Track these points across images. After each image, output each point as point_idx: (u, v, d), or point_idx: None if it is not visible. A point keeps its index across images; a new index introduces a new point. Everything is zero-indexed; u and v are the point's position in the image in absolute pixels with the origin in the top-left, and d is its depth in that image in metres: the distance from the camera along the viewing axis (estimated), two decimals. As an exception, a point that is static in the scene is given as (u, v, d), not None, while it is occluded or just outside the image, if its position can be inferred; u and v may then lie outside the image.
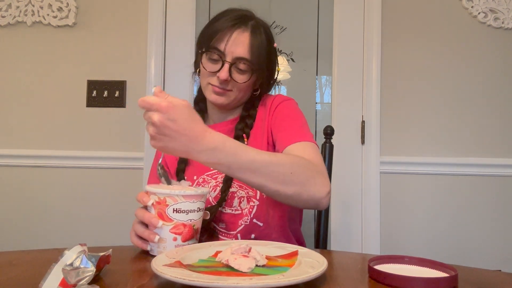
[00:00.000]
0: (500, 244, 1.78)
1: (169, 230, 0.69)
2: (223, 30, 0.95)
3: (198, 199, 0.70)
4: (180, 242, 0.69)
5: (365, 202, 1.83)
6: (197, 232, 0.72)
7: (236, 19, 0.96)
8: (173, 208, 0.68)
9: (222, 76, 0.93)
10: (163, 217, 0.69)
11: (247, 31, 0.96)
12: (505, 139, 1.81)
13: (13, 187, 1.85)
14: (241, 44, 0.94)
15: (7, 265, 0.65)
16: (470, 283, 0.59)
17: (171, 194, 0.68)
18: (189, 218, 0.70)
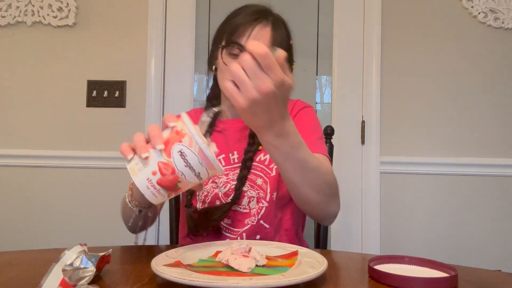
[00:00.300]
0: (500, 244, 1.78)
1: (158, 162, 0.59)
2: (244, 24, 0.93)
3: (207, 166, 0.60)
4: (155, 181, 0.59)
5: (365, 202, 1.83)
6: (176, 189, 0.61)
7: (257, 13, 0.95)
8: (181, 148, 0.58)
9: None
10: (166, 147, 0.59)
11: (268, 26, 0.95)
12: (505, 139, 1.81)
13: (13, 187, 1.86)
14: (262, 39, 0.93)
15: (7, 265, 0.65)
16: (470, 283, 0.59)
17: (193, 137, 0.58)
18: (183, 171, 0.59)
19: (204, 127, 0.64)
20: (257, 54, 0.56)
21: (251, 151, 0.96)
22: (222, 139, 1.03)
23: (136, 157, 0.61)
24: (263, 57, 0.56)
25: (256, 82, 0.57)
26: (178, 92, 1.88)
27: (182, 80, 1.88)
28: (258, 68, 0.57)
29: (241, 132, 1.02)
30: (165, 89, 1.88)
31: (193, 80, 1.90)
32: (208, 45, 1.91)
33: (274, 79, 0.57)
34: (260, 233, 0.95)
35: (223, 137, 1.03)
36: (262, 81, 0.57)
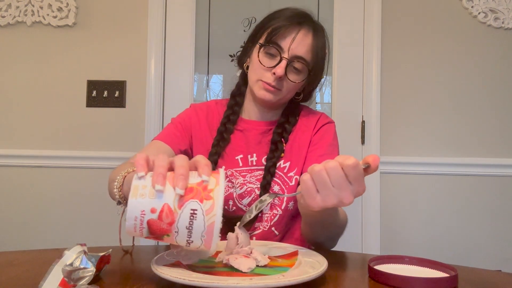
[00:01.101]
0: (500, 244, 1.78)
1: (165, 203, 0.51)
2: (287, 26, 0.92)
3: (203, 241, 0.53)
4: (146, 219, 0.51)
5: (365, 202, 1.82)
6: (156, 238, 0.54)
7: (301, 17, 0.94)
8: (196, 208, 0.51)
9: (279, 72, 0.90)
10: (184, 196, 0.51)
11: (310, 32, 0.94)
12: (505, 139, 1.81)
13: (13, 187, 1.85)
14: (304, 44, 0.92)
15: (7, 265, 0.65)
16: (470, 283, 0.59)
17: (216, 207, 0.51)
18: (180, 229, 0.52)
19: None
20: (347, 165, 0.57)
21: (275, 157, 0.96)
22: (242, 138, 1.02)
23: (148, 179, 0.53)
24: (353, 169, 0.58)
25: (339, 192, 0.57)
26: (178, 92, 1.87)
27: (182, 80, 1.88)
28: (345, 180, 0.57)
29: (262, 136, 1.01)
30: (165, 89, 1.88)
31: (193, 80, 1.90)
32: (208, 45, 1.92)
33: (357, 190, 0.59)
34: (269, 239, 0.95)
35: (243, 137, 1.02)
36: (346, 193, 0.58)
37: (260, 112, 1.03)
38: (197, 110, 1.06)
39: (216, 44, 1.93)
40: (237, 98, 1.06)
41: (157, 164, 0.53)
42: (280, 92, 0.95)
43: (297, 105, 1.05)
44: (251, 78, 0.97)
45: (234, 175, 0.97)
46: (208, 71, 1.95)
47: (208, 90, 1.97)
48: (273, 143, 0.98)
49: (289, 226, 0.98)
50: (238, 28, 1.92)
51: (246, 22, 1.94)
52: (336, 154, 1.00)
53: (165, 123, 1.84)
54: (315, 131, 1.02)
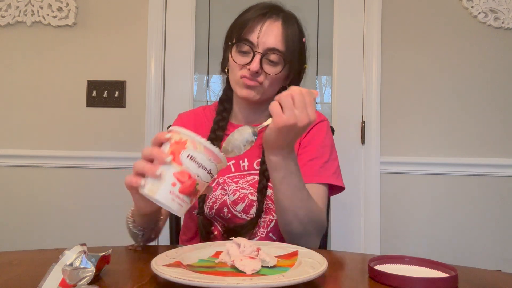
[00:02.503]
0: (500, 244, 1.78)
1: (173, 173, 0.61)
2: (253, 20, 0.91)
3: (215, 161, 0.63)
4: (177, 191, 0.61)
5: (365, 202, 1.82)
6: (195, 194, 0.64)
7: (266, 8, 0.93)
8: (188, 153, 0.61)
9: (253, 67, 0.89)
10: (174, 158, 0.61)
11: (278, 21, 0.92)
12: (505, 139, 1.81)
13: (13, 187, 1.85)
14: (273, 34, 0.90)
15: (7, 265, 0.65)
16: (470, 283, 0.59)
17: (195, 139, 0.62)
18: (198, 173, 0.62)
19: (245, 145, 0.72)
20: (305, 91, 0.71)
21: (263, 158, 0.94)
22: None
23: (148, 179, 0.62)
24: (308, 94, 0.71)
25: (299, 112, 0.69)
26: (178, 92, 1.87)
27: (182, 80, 1.88)
28: (303, 102, 0.70)
29: None
30: (165, 89, 1.88)
31: (193, 80, 1.90)
32: (208, 45, 1.92)
33: (310, 114, 0.70)
34: None
35: None
36: (303, 113, 0.70)
37: (248, 115, 1.02)
38: (183, 120, 1.05)
39: (216, 44, 1.93)
40: (225, 103, 1.05)
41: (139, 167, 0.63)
42: (261, 87, 0.93)
43: None
44: (231, 80, 0.97)
45: (226, 182, 0.96)
46: (208, 71, 1.95)
47: (208, 90, 1.97)
48: None
49: None
50: (238, 28, 1.92)
51: (246, 22, 1.93)
52: (327, 156, 0.98)
53: (165, 123, 1.84)
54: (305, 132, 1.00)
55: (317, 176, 0.94)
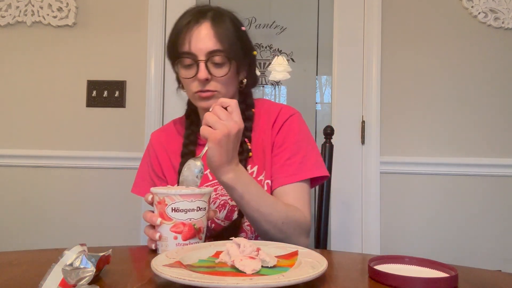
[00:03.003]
0: (500, 244, 1.78)
1: (169, 229, 0.71)
2: (182, 31, 0.90)
3: (197, 198, 0.72)
4: (181, 240, 0.71)
5: (365, 202, 1.82)
6: (199, 231, 0.73)
7: (192, 15, 0.91)
8: (171, 207, 0.70)
9: (202, 76, 0.87)
10: (163, 216, 0.71)
11: (207, 22, 0.90)
12: (505, 139, 1.81)
13: (13, 187, 1.85)
14: (206, 37, 0.88)
15: (7, 265, 0.65)
16: (470, 283, 0.59)
17: (168, 194, 0.71)
18: (188, 217, 0.71)
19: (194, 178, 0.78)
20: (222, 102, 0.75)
21: (243, 159, 0.92)
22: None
23: (157, 242, 0.73)
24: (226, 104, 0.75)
25: (227, 121, 0.73)
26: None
27: (182, 80, 1.87)
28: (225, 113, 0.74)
29: None
30: (165, 89, 1.88)
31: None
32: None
33: (236, 120, 0.75)
34: None
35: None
36: (231, 122, 0.74)
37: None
38: (153, 144, 1.05)
39: (216, 44, 1.93)
40: (191, 116, 1.04)
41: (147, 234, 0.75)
42: (218, 93, 0.91)
43: (248, 96, 1.01)
44: (187, 94, 0.97)
45: None
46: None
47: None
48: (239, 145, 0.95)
49: None
50: (238, 28, 1.92)
51: (246, 22, 1.94)
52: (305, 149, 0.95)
53: (165, 123, 1.84)
54: (276, 130, 0.97)
55: (297, 175, 0.91)
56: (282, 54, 1.98)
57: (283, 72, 2.02)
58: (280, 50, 1.98)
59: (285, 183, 0.91)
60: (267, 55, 1.99)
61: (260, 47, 1.98)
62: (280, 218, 0.82)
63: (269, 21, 1.94)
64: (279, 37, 1.97)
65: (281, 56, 1.98)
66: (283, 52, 1.99)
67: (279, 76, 2.01)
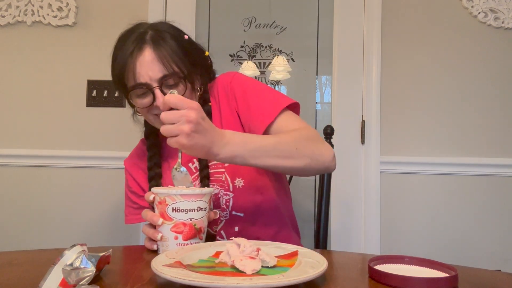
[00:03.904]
0: (500, 244, 1.78)
1: (170, 229, 0.71)
2: (127, 63, 0.88)
3: (198, 198, 0.72)
4: (182, 240, 0.71)
5: (365, 202, 1.83)
6: (200, 231, 0.73)
7: (132, 43, 0.88)
8: (172, 207, 0.71)
9: (161, 103, 0.82)
10: (164, 216, 0.71)
11: (149, 48, 0.87)
12: (505, 139, 1.81)
13: (13, 187, 1.85)
14: (152, 64, 0.86)
15: (7, 265, 0.65)
16: (470, 283, 0.59)
17: (169, 194, 0.71)
18: (189, 217, 0.71)
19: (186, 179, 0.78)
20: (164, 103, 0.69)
21: None
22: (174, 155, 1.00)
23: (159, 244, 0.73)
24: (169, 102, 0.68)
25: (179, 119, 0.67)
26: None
27: (182, 80, 1.87)
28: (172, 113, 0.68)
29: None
30: (165, 89, 1.88)
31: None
32: (208, 45, 1.92)
33: (188, 107, 0.68)
34: (237, 224, 0.93)
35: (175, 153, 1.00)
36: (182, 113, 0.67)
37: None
38: (129, 171, 1.05)
39: (216, 44, 1.93)
40: (151, 137, 1.03)
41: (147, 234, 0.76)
42: None
43: (205, 92, 1.00)
44: (146, 119, 0.96)
45: None
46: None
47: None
48: None
49: (256, 202, 0.94)
50: (238, 28, 1.92)
51: (246, 22, 1.94)
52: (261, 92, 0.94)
53: (165, 123, 1.84)
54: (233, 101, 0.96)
55: (270, 112, 0.90)
56: (282, 54, 1.98)
57: (283, 72, 2.02)
58: (280, 50, 1.98)
59: (269, 121, 0.89)
60: (267, 55, 1.99)
61: (260, 47, 1.98)
62: (291, 147, 0.80)
63: (269, 21, 1.94)
64: (279, 37, 1.96)
65: (281, 56, 1.98)
66: (283, 52, 1.98)
67: (279, 76, 2.01)
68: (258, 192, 0.95)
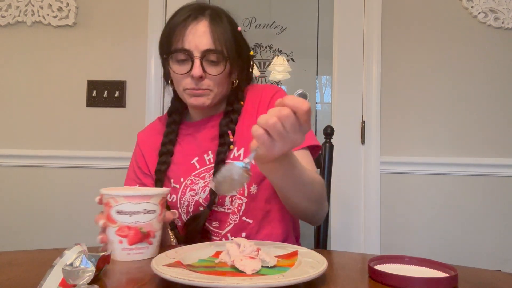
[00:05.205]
0: (500, 244, 1.78)
1: (114, 232, 0.67)
2: (179, 26, 0.89)
3: (143, 200, 0.67)
4: (127, 245, 0.67)
5: (365, 202, 1.82)
6: (148, 235, 0.68)
7: (190, 11, 0.90)
8: (115, 209, 0.67)
9: (196, 73, 0.87)
10: (109, 218, 0.67)
11: (205, 20, 0.89)
12: (505, 139, 1.81)
13: (13, 187, 1.85)
14: (203, 35, 0.88)
15: (7, 265, 0.65)
16: (470, 283, 0.59)
17: (112, 195, 0.67)
18: (134, 220, 0.67)
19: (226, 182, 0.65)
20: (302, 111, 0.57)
21: (223, 152, 0.92)
22: (193, 142, 1.00)
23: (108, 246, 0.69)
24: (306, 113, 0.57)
25: (293, 137, 0.59)
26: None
27: (182, 80, 1.87)
28: (299, 125, 0.58)
29: (212, 130, 0.98)
30: (165, 89, 1.87)
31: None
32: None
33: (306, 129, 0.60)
34: (244, 229, 0.92)
35: (193, 140, 1.00)
36: (299, 136, 0.60)
37: (203, 111, 1.00)
38: (140, 145, 1.06)
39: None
40: (173, 115, 1.03)
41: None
42: (210, 92, 0.92)
43: (240, 91, 1.01)
44: (177, 90, 0.96)
45: (193, 181, 0.94)
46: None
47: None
48: (221, 136, 0.94)
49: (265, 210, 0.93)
50: (238, 28, 1.92)
51: (246, 22, 1.94)
52: None
53: (165, 123, 1.84)
54: (263, 106, 0.96)
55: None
56: (282, 54, 1.98)
57: (283, 72, 2.02)
58: (280, 50, 1.98)
59: None
60: (267, 55, 1.99)
61: (260, 47, 1.98)
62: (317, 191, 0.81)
63: (269, 21, 1.94)
64: (279, 37, 1.97)
65: (281, 56, 1.98)
66: (283, 52, 1.98)
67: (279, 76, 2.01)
68: (268, 201, 0.94)
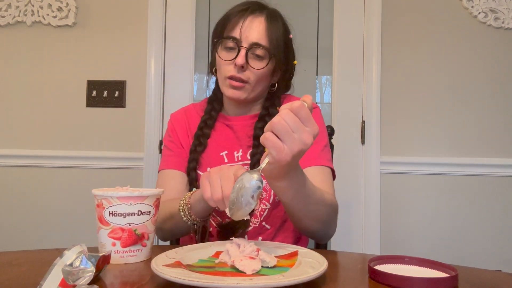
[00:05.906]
0: (500, 244, 1.78)
1: (107, 235, 0.65)
2: (236, 16, 0.92)
3: (138, 201, 0.66)
4: (120, 247, 0.65)
5: (365, 202, 1.82)
6: (142, 237, 0.67)
7: (249, 4, 0.94)
8: (108, 211, 0.65)
9: (239, 61, 0.89)
10: (102, 220, 0.66)
11: (262, 16, 0.93)
12: (505, 139, 1.81)
13: (13, 187, 1.85)
14: (256, 29, 0.91)
15: (7, 265, 0.65)
16: (470, 283, 0.59)
17: (105, 196, 0.65)
18: (128, 222, 0.65)
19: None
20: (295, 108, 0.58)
21: (258, 153, 0.93)
22: (225, 134, 1.01)
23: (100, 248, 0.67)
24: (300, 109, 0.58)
25: (300, 135, 0.59)
26: (178, 92, 1.87)
27: (182, 80, 1.88)
28: (299, 122, 0.59)
29: (247, 130, 0.99)
30: (165, 89, 1.88)
31: (193, 80, 1.90)
32: (208, 45, 1.92)
33: (312, 129, 0.60)
34: (261, 234, 0.94)
35: (226, 133, 1.01)
36: (306, 134, 0.59)
37: (240, 108, 1.02)
38: (173, 122, 1.06)
39: (216, 44, 1.92)
40: (214, 103, 1.04)
41: None
42: (248, 86, 0.93)
43: (277, 96, 1.02)
44: (219, 78, 0.97)
45: None
46: (208, 71, 1.95)
47: (208, 90, 1.97)
48: (255, 138, 0.95)
49: (283, 219, 0.96)
50: (238, 28, 1.92)
51: (246, 22, 1.93)
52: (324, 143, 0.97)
53: (165, 122, 1.84)
54: None
55: (321, 159, 0.94)
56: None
57: (283, 72, 2.02)
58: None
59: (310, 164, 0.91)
60: (267, 55, 1.99)
61: (260, 47, 1.99)
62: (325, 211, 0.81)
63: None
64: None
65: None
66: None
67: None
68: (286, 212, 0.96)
